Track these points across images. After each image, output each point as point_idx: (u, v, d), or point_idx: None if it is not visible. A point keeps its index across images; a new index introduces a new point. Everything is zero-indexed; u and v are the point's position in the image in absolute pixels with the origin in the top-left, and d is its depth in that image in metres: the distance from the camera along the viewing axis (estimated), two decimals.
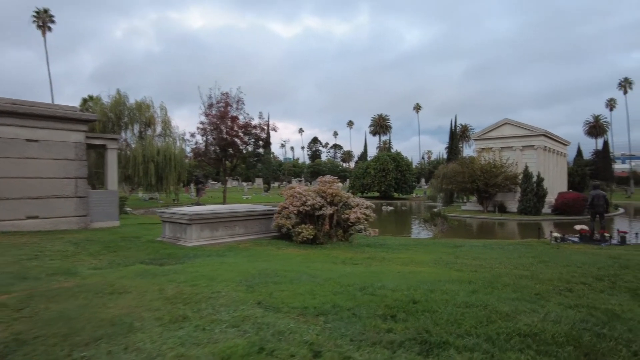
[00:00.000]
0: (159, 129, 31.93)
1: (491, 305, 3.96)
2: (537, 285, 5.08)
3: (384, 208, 44.34)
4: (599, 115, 79.98)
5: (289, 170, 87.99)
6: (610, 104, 77.03)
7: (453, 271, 6.44)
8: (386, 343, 3.02)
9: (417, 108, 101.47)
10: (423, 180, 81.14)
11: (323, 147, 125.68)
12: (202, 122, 25.29)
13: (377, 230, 18.01)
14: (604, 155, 69.26)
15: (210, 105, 24.86)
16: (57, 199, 12.81)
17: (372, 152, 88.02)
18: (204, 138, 25.70)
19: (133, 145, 29.99)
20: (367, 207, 10.92)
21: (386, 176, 56.95)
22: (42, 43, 60.04)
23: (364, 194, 58.59)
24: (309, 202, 10.01)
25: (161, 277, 5.50)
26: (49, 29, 60.18)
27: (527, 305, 4.03)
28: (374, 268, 6.86)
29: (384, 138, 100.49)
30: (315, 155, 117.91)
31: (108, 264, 6.92)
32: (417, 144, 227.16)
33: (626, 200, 53.19)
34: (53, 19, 60.22)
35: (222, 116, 24.33)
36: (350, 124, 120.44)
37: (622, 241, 13.38)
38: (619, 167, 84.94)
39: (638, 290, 4.99)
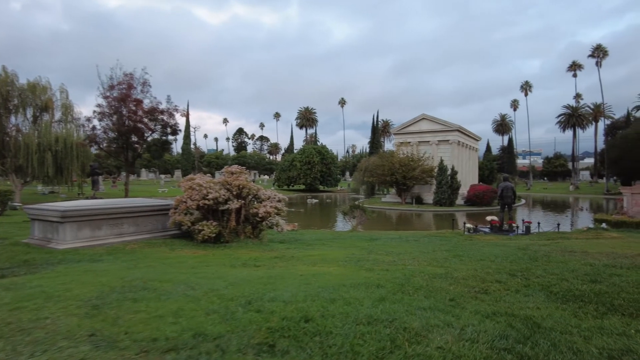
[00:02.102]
0: (58, 115, 28.24)
1: (399, 320, 3.22)
2: (452, 287, 4.51)
3: (309, 201, 44.08)
4: (505, 115, 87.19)
5: (213, 162, 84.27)
6: (514, 105, 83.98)
7: (363, 271, 5.73)
8: None
9: (342, 103, 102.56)
10: (348, 173, 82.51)
11: (249, 138, 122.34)
12: (99, 105, 22.36)
13: (296, 224, 17.23)
14: (509, 151, 75.89)
15: (111, 87, 22.03)
16: None
17: (298, 145, 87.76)
18: (102, 123, 22.80)
19: (26, 131, 26.24)
20: (279, 201, 9.98)
21: (312, 169, 56.79)
22: None
23: (290, 187, 58.00)
24: (210, 196, 8.77)
25: None
26: None
27: (441, 316, 3.36)
28: (277, 271, 5.93)
29: (310, 131, 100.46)
30: (240, 147, 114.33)
31: None
32: (342, 138, 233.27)
33: (526, 192, 58.69)
34: None
35: (123, 99, 21.67)
36: (277, 115, 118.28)
37: (527, 231, 14.00)
38: (520, 162, 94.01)
39: (551, 287, 4.66)
